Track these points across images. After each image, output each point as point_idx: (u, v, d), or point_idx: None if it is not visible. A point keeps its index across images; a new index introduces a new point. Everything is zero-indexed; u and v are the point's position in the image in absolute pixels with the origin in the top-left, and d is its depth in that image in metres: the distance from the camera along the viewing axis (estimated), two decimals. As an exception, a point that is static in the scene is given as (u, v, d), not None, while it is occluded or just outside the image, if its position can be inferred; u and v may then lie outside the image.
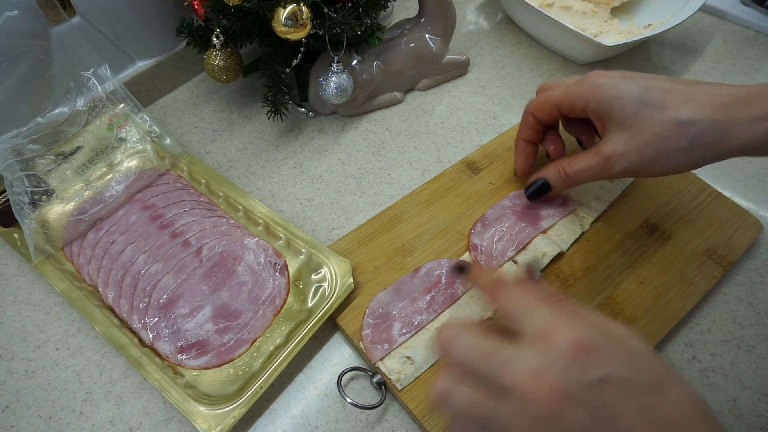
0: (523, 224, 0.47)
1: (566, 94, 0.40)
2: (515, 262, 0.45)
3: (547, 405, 0.24)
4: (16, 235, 0.47)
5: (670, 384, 0.26)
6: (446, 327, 0.29)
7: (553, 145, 0.46)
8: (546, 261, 0.45)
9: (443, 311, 0.42)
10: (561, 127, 0.47)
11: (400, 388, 0.38)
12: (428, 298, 0.42)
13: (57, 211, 0.46)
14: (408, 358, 0.40)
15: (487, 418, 0.26)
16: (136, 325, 0.42)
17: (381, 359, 0.39)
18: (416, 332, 0.41)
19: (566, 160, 0.42)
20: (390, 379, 0.39)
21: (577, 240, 0.47)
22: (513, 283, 0.30)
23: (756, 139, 0.34)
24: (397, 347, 0.40)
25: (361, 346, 0.41)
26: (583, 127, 0.44)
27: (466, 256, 0.46)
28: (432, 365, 0.40)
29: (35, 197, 0.46)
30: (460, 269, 0.35)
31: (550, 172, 0.44)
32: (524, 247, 0.46)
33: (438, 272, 0.44)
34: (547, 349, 0.25)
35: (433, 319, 0.42)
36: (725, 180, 0.54)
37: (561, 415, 0.24)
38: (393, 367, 0.39)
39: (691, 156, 0.35)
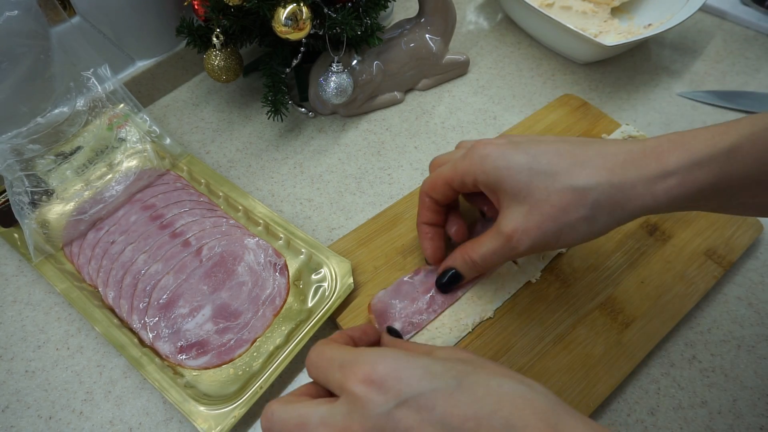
0: None
1: (454, 170, 0.37)
2: (516, 263, 0.45)
3: None
4: (16, 235, 0.47)
5: (476, 379, 0.26)
6: (264, 410, 0.29)
7: (455, 227, 0.42)
8: (546, 261, 0.45)
9: (443, 311, 0.42)
10: (462, 200, 0.44)
11: None
12: (428, 298, 0.42)
13: (57, 211, 0.46)
14: None
15: None
16: (136, 325, 0.42)
17: None
18: (416, 332, 0.41)
19: (470, 245, 0.38)
20: None
21: (577, 240, 0.47)
22: (311, 352, 0.30)
23: (658, 199, 0.31)
24: None
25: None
26: (483, 198, 0.40)
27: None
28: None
29: (35, 197, 0.46)
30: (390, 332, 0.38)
31: (456, 261, 0.40)
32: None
33: (436, 275, 0.44)
34: (347, 398, 0.26)
35: (433, 319, 0.42)
36: (725, 180, 0.54)
37: None
38: None
39: (595, 224, 0.32)
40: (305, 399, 0.28)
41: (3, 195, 0.48)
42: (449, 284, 0.41)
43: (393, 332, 0.40)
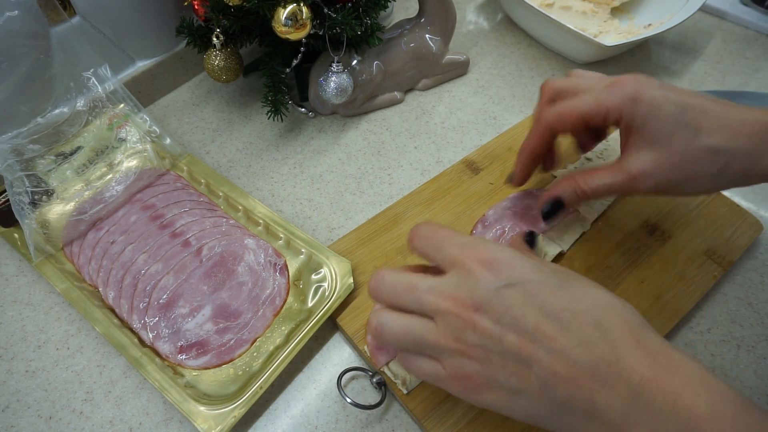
0: (523, 224, 0.47)
1: (598, 104, 0.36)
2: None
3: (463, 318, 0.28)
4: (16, 235, 0.47)
5: (576, 284, 0.29)
6: (374, 274, 0.32)
7: (550, 159, 0.44)
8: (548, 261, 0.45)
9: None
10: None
11: (406, 392, 0.38)
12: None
13: (57, 211, 0.46)
14: None
15: (419, 341, 0.30)
16: (136, 325, 0.42)
17: (386, 364, 0.39)
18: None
19: (581, 175, 0.39)
20: (396, 384, 0.39)
21: (577, 240, 0.47)
22: (421, 227, 0.33)
23: None
24: None
25: (366, 350, 0.40)
26: (587, 133, 0.42)
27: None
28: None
29: (35, 197, 0.46)
30: None
31: (565, 190, 0.40)
32: (524, 247, 0.46)
33: None
34: (459, 272, 0.29)
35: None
36: (725, 180, 0.54)
37: (475, 323, 0.27)
38: (398, 371, 0.39)
39: (719, 182, 0.35)
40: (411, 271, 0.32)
41: (3, 195, 0.48)
42: (553, 212, 0.42)
43: (531, 235, 0.39)
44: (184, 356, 0.40)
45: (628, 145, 0.37)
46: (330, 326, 0.44)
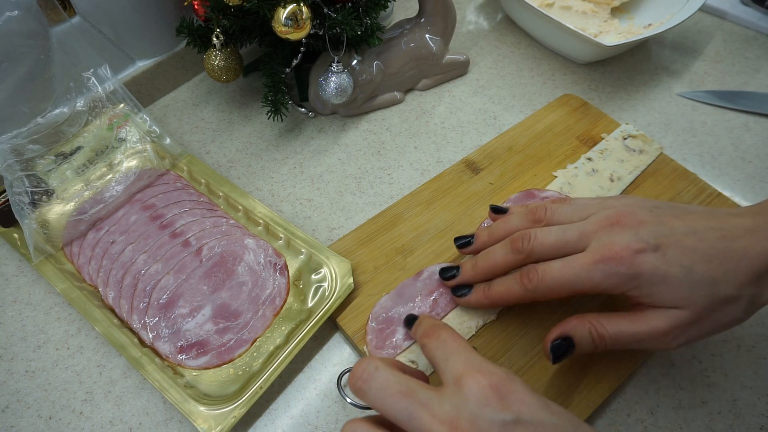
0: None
1: (591, 283, 0.33)
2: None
3: None
4: (16, 235, 0.47)
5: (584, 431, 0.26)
6: (361, 363, 0.28)
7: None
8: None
9: (447, 314, 0.42)
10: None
11: None
12: (431, 301, 0.42)
13: (57, 211, 0.46)
14: (412, 362, 0.40)
15: None
16: (136, 325, 0.42)
17: None
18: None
19: (598, 318, 0.34)
20: None
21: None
22: (443, 330, 0.30)
23: None
24: (401, 352, 0.40)
25: (365, 350, 0.40)
26: None
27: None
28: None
29: (35, 197, 0.46)
30: (408, 322, 0.37)
31: (577, 330, 0.35)
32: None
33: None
34: (461, 393, 0.26)
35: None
36: (725, 180, 0.54)
37: None
38: None
39: (741, 320, 0.33)
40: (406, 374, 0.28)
41: (3, 195, 0.48)
42: (561, 355, 0.35)
43: (409, 320, 0.38)
44: (184, 356, 0.40)
45: (642, 303, 0.33)
46: (330, 326, 0.44)
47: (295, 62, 0.52)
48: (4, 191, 0.47)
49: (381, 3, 0.51)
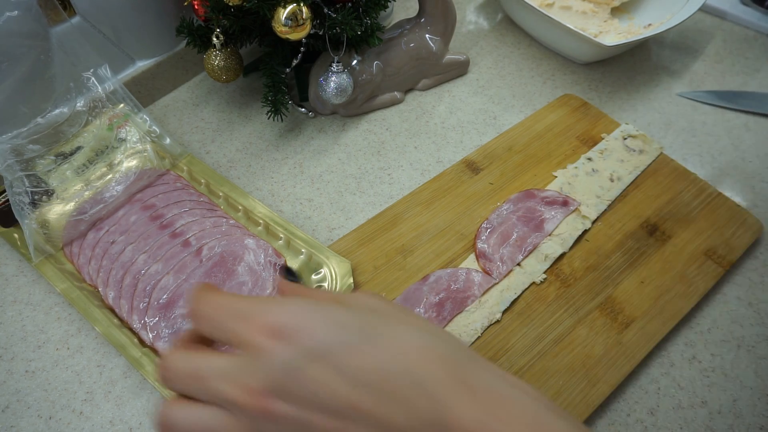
0: (527, 228, 0.47)
1: None
2: (520, 265, 0.45)
3: (259, 408, 0.23)
4: (16, 235, 0.47)
5: (384, 332, 0.24)
6: (161, 358, 0.26)
7: None
8: (549, 263, 0.45)
9: (452, 319, 0.42)
10: None
11: None
12: (436, 306, 0.42)
13: (57, 211, 0.46)
14: None
15: None
16: (136, 325, 0.42)
17: None
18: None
19: None
20: None
21: (577, 240, 0.47)
22: (201, 299, 0.27)
23: None
24: None
25: None
26: None
27: (471, 261, 0.46)
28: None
29: (35, 197, 0.46)
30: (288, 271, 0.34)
31: None
32: (532, 251, 0.46)
33: (446, 280, 0.44)
34: (248, 350, 0.24)
35: (443, 327, 0.42)
36: (725, 180, 0.54)
37: (274, 413, 0.23)
38: None
39: None
40: (204, 348, 0.26)
41: (3, 195, 0.48)
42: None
43: (289, 274, 0.35)
44: (184, 356, 0.40)
45: None
46: (330, 326, 0.44)
47: (295, 62, 0.52)
48: (4, 191, 0.47)
49: (381, 3, 0.51)
